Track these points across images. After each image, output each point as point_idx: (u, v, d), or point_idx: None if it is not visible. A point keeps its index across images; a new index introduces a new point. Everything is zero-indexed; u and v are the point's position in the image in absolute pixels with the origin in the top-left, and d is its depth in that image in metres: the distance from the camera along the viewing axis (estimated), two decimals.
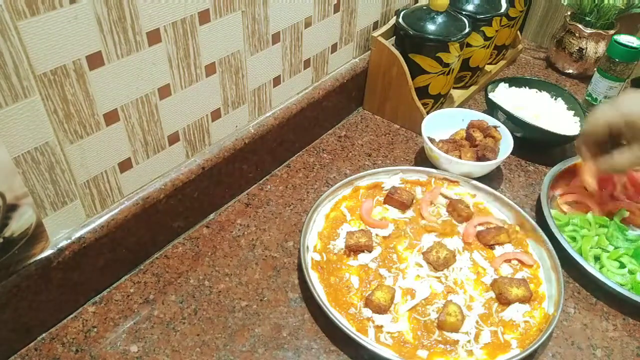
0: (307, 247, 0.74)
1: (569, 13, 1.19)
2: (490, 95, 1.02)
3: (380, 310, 0.66)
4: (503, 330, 0.66)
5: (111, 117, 0.61)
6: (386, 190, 0.84)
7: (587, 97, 1.11)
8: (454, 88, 1.11)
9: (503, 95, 1.04)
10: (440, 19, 0.92)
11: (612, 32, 1.13)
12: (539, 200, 0.86)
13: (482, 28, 1.02)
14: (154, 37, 0.60)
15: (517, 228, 0.79)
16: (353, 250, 0.74)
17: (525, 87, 1.06)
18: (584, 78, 1.21)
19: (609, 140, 0.69)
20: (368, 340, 0.63)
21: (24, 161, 0.54)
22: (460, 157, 0.88)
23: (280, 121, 0.86)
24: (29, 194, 0.53)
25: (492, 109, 0.99)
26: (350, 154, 0.96)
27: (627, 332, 0.70)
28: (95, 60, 0.55)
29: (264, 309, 0.69)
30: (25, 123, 0.52)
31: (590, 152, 0.70)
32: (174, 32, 0.62)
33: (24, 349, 0.63)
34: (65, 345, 0.64)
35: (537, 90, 1.06)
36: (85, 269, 0.65)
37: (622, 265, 0.75)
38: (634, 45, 1.01)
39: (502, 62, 1.23)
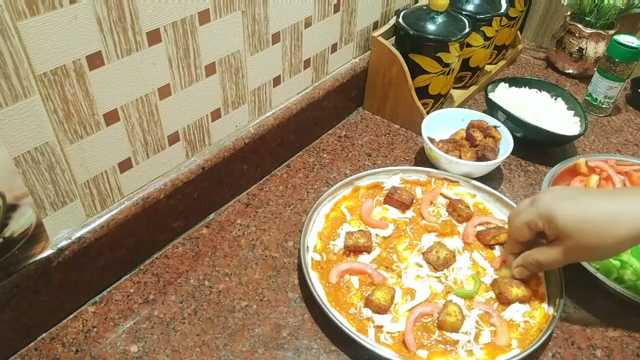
0: (307, 247, 0.74)
1: (569, 13, 1.19)
2: (490, 95, 1.02)
3: (380, 310, 0.66)
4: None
5: (111, 117, 0.61)
6: (386, 190, 0.84)
7: (587, 97, 1.11)
8: (454, 88, 1.11)
9: (503, 95, 1.04)
10: (440, 19, 0.92)
11: (612, 32, 1.13)
12: None
13: (482, 28, 1.02)
14: (154, 37, 0.60)
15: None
16: (352, 250, 0.74)
17: (525, 87, 1.06)
18: (584, 78, 1.21)
19: (535, 237, 0.68)
20: (368, 340, 0.63)
21: (24, 161, 0.54)
22: (460, 157, 0.88)
23: (280, 121, 0.86)
24: (29, 194, 0.53)
25: (492, 109, 0.99)
26: (350, 154, 0.96)
27: (627, 332, 0.69)
28: (95, 60, 0.55)
29: (264, 309, 0.69)
30: (25, 123, 0.52)
31: (516, 251, 0.71)
32: (174, 32, 0.62)
33: (24, 349, 0.63)
34: (65, 345, 0.64)
35: (537, 90, 1.06)
36: (85, 269, 0.65)
37: (623, 265, 0.75)
38: (634, 45, 1.01)
39: (502, 62, 1.23)
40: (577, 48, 1.17)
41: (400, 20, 0.93)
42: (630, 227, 0.59)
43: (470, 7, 1.01)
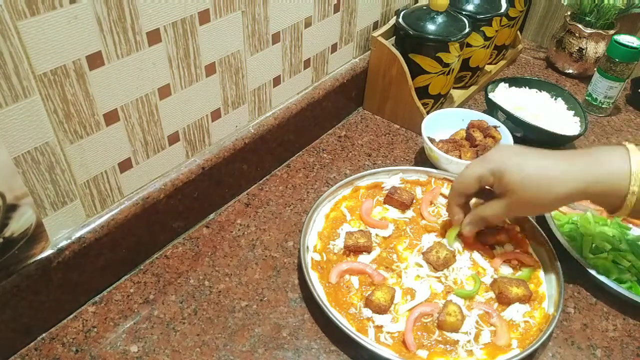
0: (307, 247, 0.74)
1: (569, 13, 1.19)
2: (490, 95, 1.02)
3: (380, 310, 0.66)
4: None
5: (111, 117, 0.61)
6: (386, 190, 0.84)
7: (587, 97, 1.11)
8: (454, 88, 1.11)
9: (503, 95, 1.04)
10: (440, 19, 0.92)
11: (612, 32, 1.13)
12: None
13: (482, 28, 1.02)
14: (154, 37, 0.60)
15: (517, 228, 0.79)
16: (352, 250, 0.74)
17: (525, 87, 1.07)
18: (584, 78, 1.21)
19: (480, 196, 0.73)
20: (368, 340, 0.63)
21: (24, 161, 0.54)
22: (460, 157, 0.88)
23: (280, 121, 0.86)
24: (29, 194, 0.53)
25: (492, 109, 0.99)
26: (350, 154, 0.96)
27: (627, 332, 0.70)
28: (95, 60, 0.55)
29: (264, 309, 0.69)
30: (25, 123, 0.52)
31: (459, 206, 0.73)
32: (174, 32, 0.62)
33: (24, 349, 0.63)
34: (65, 345, 0.64)
35: (537, 90, 1.06)
36: (85, 269, 0.66)
37: (623, 265, 0.75)
38: (634, 45, 1.01)
39: (502, 62, 1.23)
40: (577, 48, 1.17)
41: (400, 20, 0.93)
42: (568, 187, 0.64)
43: (470, 7, 1.01)
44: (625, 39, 1.02)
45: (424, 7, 0.94)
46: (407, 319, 0.66)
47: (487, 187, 0.70)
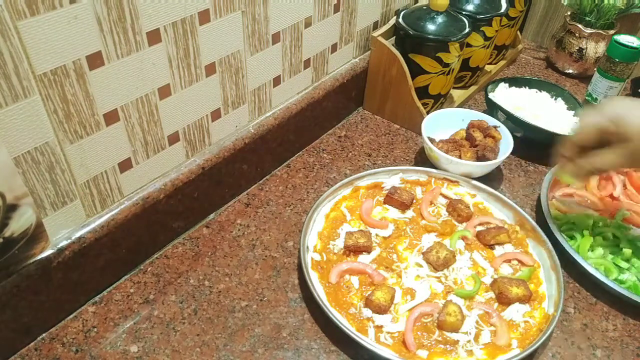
0: (307, 247, 0.74)
1: (569, 13, 1.19)
2: (490, 95, 1.02)
3: (380, 310, 0.66)
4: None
5: (111, 117, 0.61)
6: (386, 190, 0.84)
7: (587, 97, 1.11)
8: (454, 88, 1.11)
9: (503, 95, 1.04)
10: (440, 19, 0.92)
11: (612, 32, 1.13)
12: (539, 200, 0.86)
13: (482, 28, 1.02)
14: (154, 37, 0.60)
15: (517, 228, 0.79)
16: (352, 250, 0.74)
17: (525, 87, 1.06)
18: (584, 78, 1.21)
19: (592, 145, 0.71)
20: (368, 340, 0.63)
21: (24, 161, 0.54)
22: (460, 157, 0.88)
23: (280, 121, 0.86)
24: (29, 194, 0.53)
25: (492, 109, 0.99)
26: (350, 154, 0.96)
27: (627, 332, 0.70)
28: (95, 60, 0.55)
29: (264, 309, 0.69)
30: (25, 123, 0.52)
31: (573, 155, 0.72)
32: (174, 32, 0.62)
33: (24, 349, 0.63)
34: (65, 345, 0.64)
35: (537, 90, 1.06)
36: (85, 269, 0.66)
37: (623, 265, 0.75)
38: (634, 45, 1.01)
39: (502, 62, 1.23)
40: (577, 48, 1.17)
41: (400, 20, 0.93)
42: None
43: (470, 7, 1.01)
44: (625, 39, 1.02)
45: (424, 7, 0.94)
46: (407, 319, 0.66)
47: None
